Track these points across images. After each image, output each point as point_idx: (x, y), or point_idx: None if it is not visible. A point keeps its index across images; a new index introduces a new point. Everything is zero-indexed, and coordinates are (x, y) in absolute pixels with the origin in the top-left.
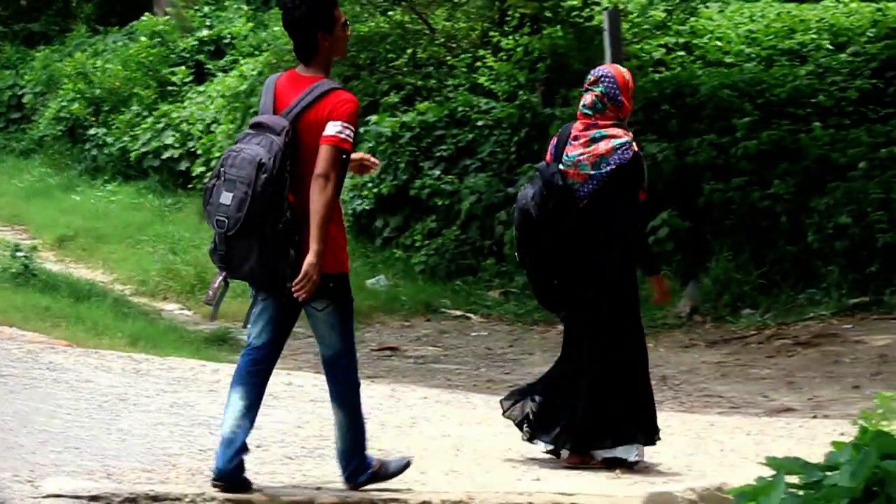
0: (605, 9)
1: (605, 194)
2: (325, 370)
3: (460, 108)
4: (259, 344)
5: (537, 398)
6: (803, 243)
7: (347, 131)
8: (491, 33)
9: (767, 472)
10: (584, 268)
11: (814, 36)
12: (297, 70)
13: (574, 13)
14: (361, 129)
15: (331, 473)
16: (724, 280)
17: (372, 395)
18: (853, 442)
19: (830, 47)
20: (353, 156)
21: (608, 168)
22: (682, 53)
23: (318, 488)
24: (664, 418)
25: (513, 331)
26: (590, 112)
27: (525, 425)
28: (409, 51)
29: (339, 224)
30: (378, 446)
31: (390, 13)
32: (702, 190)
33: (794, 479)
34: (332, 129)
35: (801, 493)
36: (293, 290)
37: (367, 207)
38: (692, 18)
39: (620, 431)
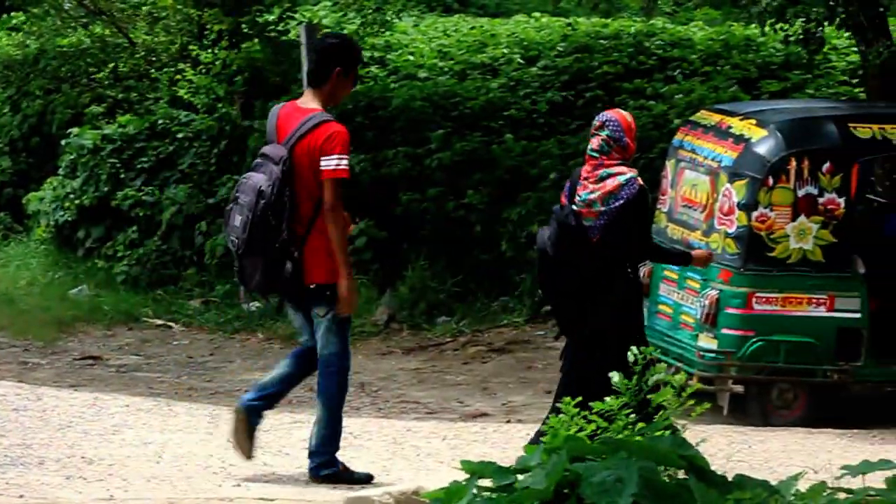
0: (301, 23)
1: (615, 227)
2: (319, 367)
3: (161, 121)
4: (311, 344)
5: None
6: (497, 252)
7: (343, 161)
8: (190, 47)
9: (462, 476)
10: (598, 298)
11: (505, 50)
12: (297, 102)
13: (270, 27)
14: (63, 142)
15: (34, 482)
16: (421, 288)
17: (74, 403)
18: (544, 445)
19: (522, 61)
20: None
21: (617, 203)
22: (376, 67)
23: (21, 496)
24: (362, 424)
25: (213, 339)
26: (596, 154)
27: None
28: (111, 64)
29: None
30: (80, 454)
31: (91, 27)
32: (398, 200)
33: (487, 483)
34: (330, 163)
35: (493, 495)
36: (337, 314)
37: (70, 219)
38: (387, 33)
39: None
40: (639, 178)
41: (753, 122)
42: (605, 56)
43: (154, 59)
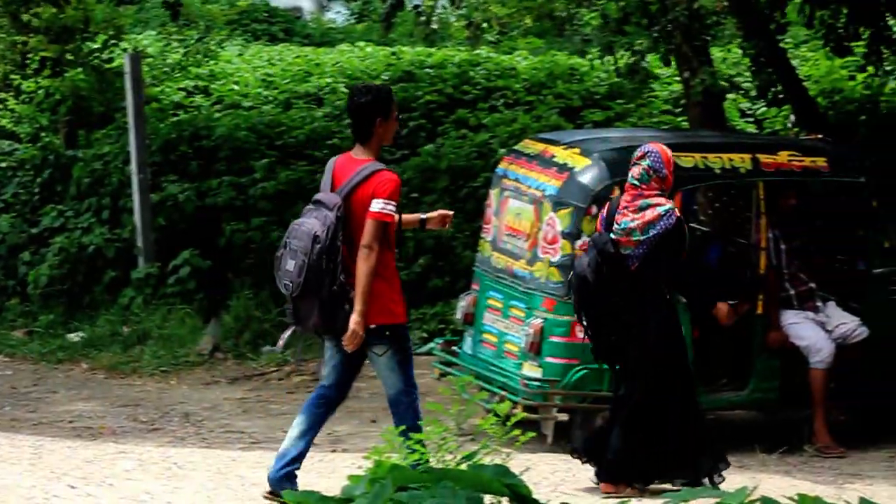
0: (126, 51)
1: (652, 256)
2: (389, 409)
3: None
4: (328, 384)
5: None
6: None
7: (389, 206)
8: (13, 76)
9: None
10: (636, 324)
11: (330, 79)
12: (351, 153)
13: (95, 56)
14: None
15: None
16: (245, 318)
17: None
18: (369, 475)
19: (346, 90)
20: (433, 214)
21: (655, 232)
22: (200, 96)
23: None
24: (186, 454)
25: (37, 369)
26: (637, 183)
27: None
28: None
29: (391, 281)
30: None
31: None
32: (222, 230)
33: None
34: (376, 205)
35: None
36: (343, 344)
37: None
38: (211, 62)
39: (652, 470)
40: (676, 210)
41: (577, 151)
42: (430, 85)
43: None
